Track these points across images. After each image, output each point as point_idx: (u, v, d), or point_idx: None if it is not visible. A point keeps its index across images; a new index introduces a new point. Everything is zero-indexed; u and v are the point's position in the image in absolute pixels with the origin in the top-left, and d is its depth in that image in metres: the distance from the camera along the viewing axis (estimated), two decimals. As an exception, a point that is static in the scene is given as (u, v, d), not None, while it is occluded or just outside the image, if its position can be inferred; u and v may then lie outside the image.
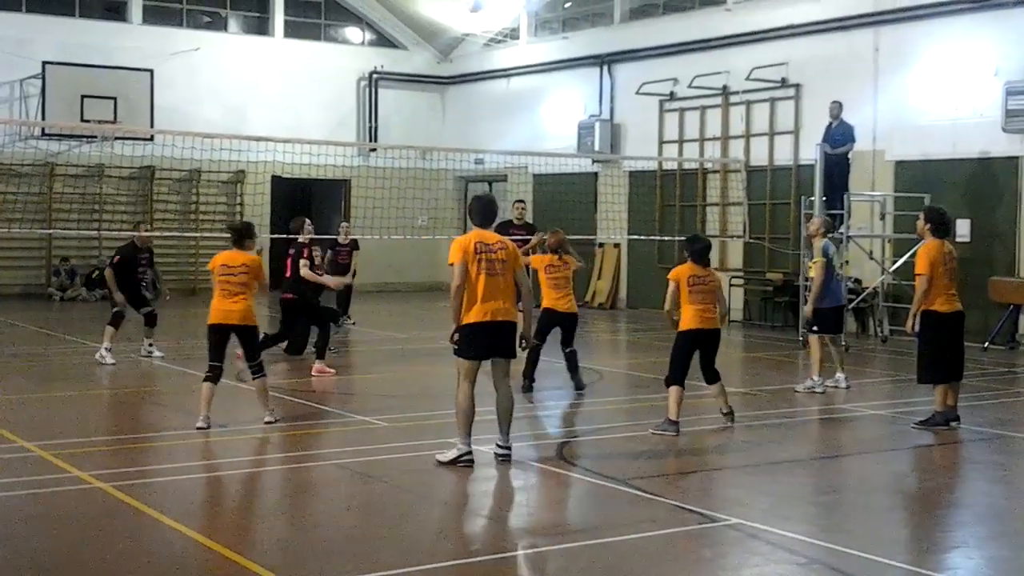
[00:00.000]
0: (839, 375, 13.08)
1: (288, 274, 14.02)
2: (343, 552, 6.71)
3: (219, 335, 10.30)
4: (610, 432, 10.64)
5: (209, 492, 8.25)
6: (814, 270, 13.01)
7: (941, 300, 10.68)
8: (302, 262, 13.92)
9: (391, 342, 17.75)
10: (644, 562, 6.60)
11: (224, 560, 6.44)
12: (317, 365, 13.76)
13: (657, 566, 6.55)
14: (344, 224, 20.09)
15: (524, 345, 9.33)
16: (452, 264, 8.81)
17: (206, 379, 10.23)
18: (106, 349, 14.39)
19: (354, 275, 18.55)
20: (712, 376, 10.61)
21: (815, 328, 12.98)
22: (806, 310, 13.53)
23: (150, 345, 15.04)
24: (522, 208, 16.43)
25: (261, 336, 13.89)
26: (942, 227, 10.94)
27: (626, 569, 6.48)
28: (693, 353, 10.43)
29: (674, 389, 10.21)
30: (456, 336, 8.87)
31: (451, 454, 8.84)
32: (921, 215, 11.19)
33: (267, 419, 10.30)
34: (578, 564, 6.67)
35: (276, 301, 15.18)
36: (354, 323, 19.43)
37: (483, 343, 8.82)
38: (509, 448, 9.01)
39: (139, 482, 8.32)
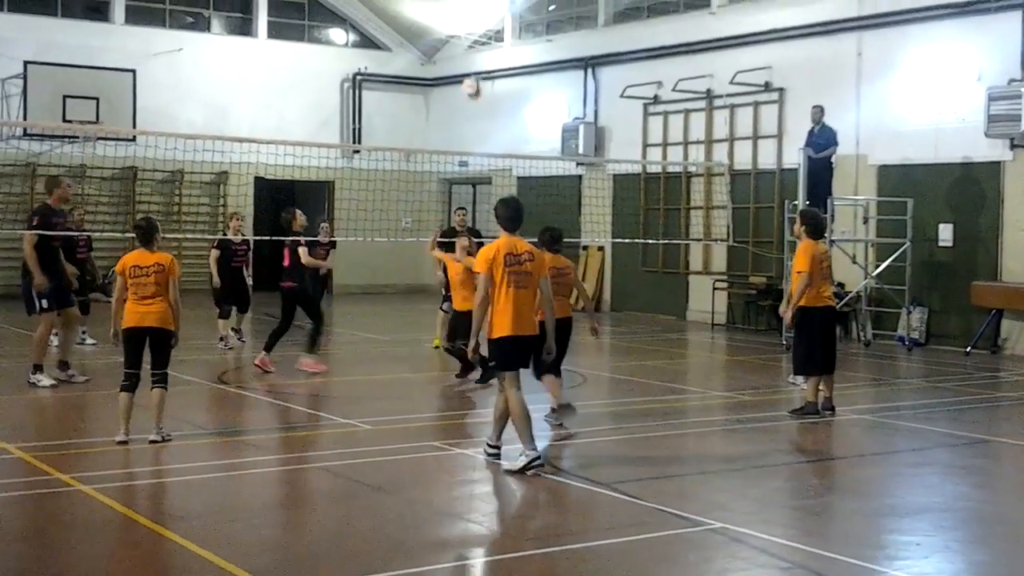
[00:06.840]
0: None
1: (287, 263, 13.98)
2: (328, 555, 6.68)
3: (135, 340, 9.56)
4: (593, 436, 10.63)
5: (194, 496, 8.20)
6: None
7: (814, 296, 11.39)
8: (301, 249, 13.91)
9: (373, 344, 17.71)
10: (629, 566, 6.59)
11: (210, 565, 6.40)
12: (307, 360, 13.69)
13: (643, 570, 6.54)
14: (324, 224, 20.17)
15: (547, 355, 9.25)
16: (478, 273, 8.72)
17: (123, 388, 9.56)
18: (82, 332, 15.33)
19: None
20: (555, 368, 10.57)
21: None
22: (781, 310, 13.52)
23: (83, 332, 15.71)
24: (463, 215, 16.35)
25: (271, 332, 13.83)
26: (817, 229, 11.74)
27: (612, 573, 6.47)
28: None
29: (546, 378, 10.50)
30: (475, 349, 8.98)
31: (520, 462, 8.69)
32: (797, 218, 12.05)
33: (152, 437, 9.46)
34: (564, 568, 6.66)
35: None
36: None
37: (519, 355, 8.80)
38: (497, 448, 9.01)
39: (120, 484, 8.27)
